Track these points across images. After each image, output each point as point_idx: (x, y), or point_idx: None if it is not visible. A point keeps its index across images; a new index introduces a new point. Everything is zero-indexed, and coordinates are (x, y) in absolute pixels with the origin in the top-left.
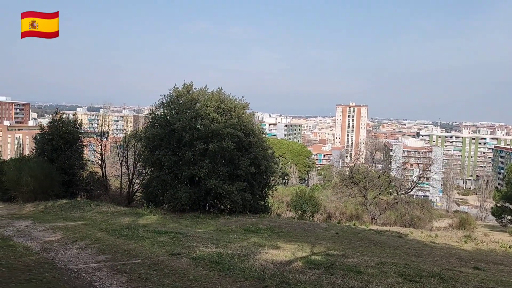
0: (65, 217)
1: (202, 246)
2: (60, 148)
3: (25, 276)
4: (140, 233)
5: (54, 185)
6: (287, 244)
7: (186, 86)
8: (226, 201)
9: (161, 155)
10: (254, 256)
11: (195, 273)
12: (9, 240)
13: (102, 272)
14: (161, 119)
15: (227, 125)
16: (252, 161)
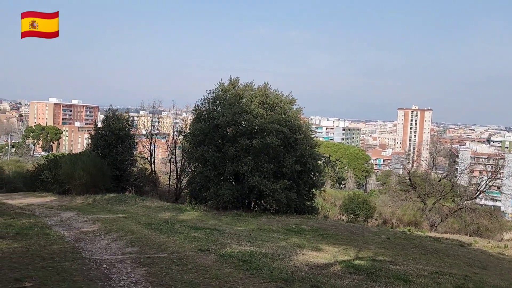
0: (109, 210)
1: (236, 243)
2: (112, 144)
3: (43, 264)
4: (175, 228)
5: (105, 179)
6: (330, 246)
7: (232, 82)
8: (269, 199)
9: (204, 151)
10: (289, 257)
11: (218, 270)
12: (48, 229)
13: (124, 264)
14: (205, 114)
15: (272, 121)
16: (298, 158)
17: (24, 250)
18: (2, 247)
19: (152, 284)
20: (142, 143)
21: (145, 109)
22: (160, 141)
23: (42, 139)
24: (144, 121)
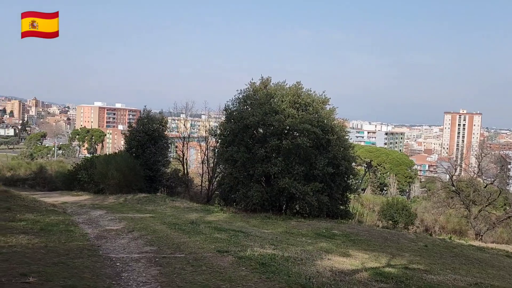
0: (138, 210)
1: (259, 246)
2: (145, 145)
3: (56, 260)
4: (200, 229)
5: (137, 179)
6: (360, 252)
7: (263, 81)
8: (300, 202)
9: (234, 151)
10: (312, 262)
11: (233, 273)
12: (73, 226)
13: (138, 263)
14: (235, 114)
15: (303, 121)
16: (330, 160)
17: (42, 246)
18: (23, 242)
19: (161, 285)
20: (176, 144)
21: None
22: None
23: (87, 141)
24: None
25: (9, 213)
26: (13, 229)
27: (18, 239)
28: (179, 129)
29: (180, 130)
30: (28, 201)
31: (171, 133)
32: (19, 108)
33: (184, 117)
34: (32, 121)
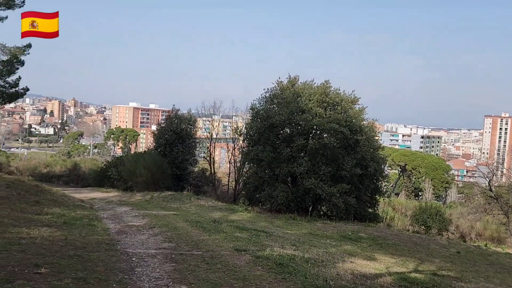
0: (162, 207)
1: (279, 246)
2: (173, 143)
3: (72, 252)
4: (221, 227)
5: (165, 178)
6: (387, 256)
7: (290, 80)
8: (326, 204)
9: (259, 151)
10: (333, 264)
11: (248, 272)
12: (97, 220)
13: (154, 259)
14: (261, 113)
15: (330, 120)
16: (358, 161)
17: (62, 239)
18: (44, 234)
19: (173, 281)
20: (203, 143)
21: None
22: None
23: (122, 141)
24: (210, 123)
25: (37, 206)
26: (38, 221)
27: (41, 231)
28: (206, 129)
29: (208, 129)
30: (57, 196)
31: (199, 133)
32: (59, 108)
33: (212, 118)
34: (70, 120)
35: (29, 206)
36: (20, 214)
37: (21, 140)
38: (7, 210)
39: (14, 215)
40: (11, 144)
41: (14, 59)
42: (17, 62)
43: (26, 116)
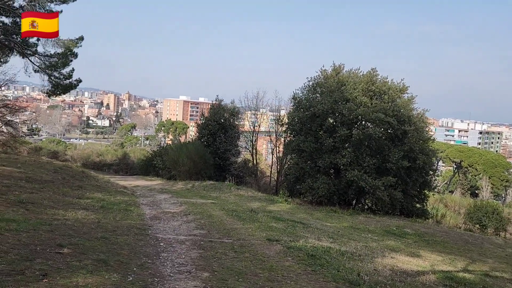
0: (202, 196)
1: (315, 238)
2: (216, 134)
3: (100, 235)
4: (257, 217)
5: (207, 167)
6: (433, 254)
7: (335, 68)
8: (370, 197)
9: (300, 141)
10: (371, 259)
11: (277, 262)
12: (134, 206)
13: (182, 245)
14: (303, 102)
15: (376, 110)
16: (406, 153)
17: (95, 221)
18: (79, 216)
19: (196, 268)
20: (246, 134)
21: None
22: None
23: (172, 133)
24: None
25: (80, 191)
26: (76, 205)
27: (77, 214)
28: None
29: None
30: (101, 182)
31: (242, 124)
32: (114, 101)
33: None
34: (125, 113)
35: (71, 190)
36: (62, 197)
37: (79, 131)
38: (49, 193)
39: (55, 198)
40: (70, 135)
41: (68, 51)
42: (71, 55)
43: (84, 108)
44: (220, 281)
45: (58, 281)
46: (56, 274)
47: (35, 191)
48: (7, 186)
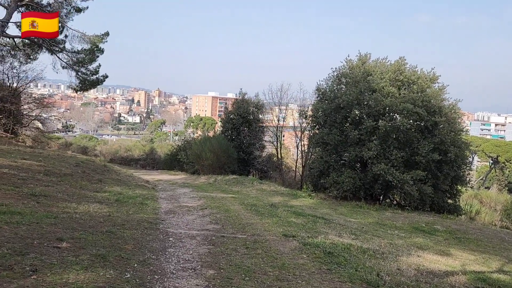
0: (223, 190)
1: (335, 234)
2: (240, 127)
3: (107, 229)
4: (276, 212)
5: (230, 161)
6: (465, 252)
7: (361, 58)
8: (397, 192)
9: (324, 134)
10: (396, 257)
11: (290, 260)
12: (151, 200)
13: (192, 240)
14: (328, 93)
15: (404, 100)
16: (436, 146)
17: (105, 215)
18: (90, 210)
19: (202, 264)
20: (270, 128)
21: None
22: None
23: (200, 128)
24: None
25: (99, 184)
26: (92, 198)
27: (90, 207)
28: (273, 111)
29: (275, 113)
30: (122, 176)
31: (266, 118)
32: (145, 98)
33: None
34: (155, 109)
35: (90, 184)
36: (78, 190)
37: (111, 127)
38: (66, 186)
39: (71, 191)
40: (102, 132)
41: (95, 47)
42: (98, 50)
43: (116, 105)
44: (225, 279)
45: (47, 278)
46: (47, 270)
47: (52, 184)
48: (23, 179)
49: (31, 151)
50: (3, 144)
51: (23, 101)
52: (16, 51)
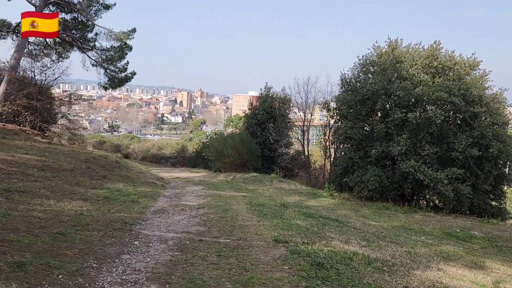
0: (237, 188)
1: (342, 240)
2: (264, 123)
3: (61, 230)
4: (283, 213)
5: (253, 159)
6: (503, 265)
7: (391, 44)
8: (429, 192)
9: (348, 128)
10: (408, 270)
11: (265, 272)
12: (149, 198)
13: (161, 245)
14: (352, 83)
15: (438, 89)
16: (476, 140)
17: (77, 214)
18: (65, 207)
19: (149, 277)
20: (296, 124)
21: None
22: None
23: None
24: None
25: (100, 181)
26: (79, 195)
27: (68, 205)
28: (299, 105)
29: (301, 108)
30: (133, 172)
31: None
32: (187, 98)
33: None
34: (197, 110)
35: (89, 180)
36: (70, 187)
37: (154, 127)
38: (58, 182)
39: (61, 187)
40: (146, 131)
41: (123, 44)
42: (126, 47)
43: (159, 106)
44: None
45: None
46: None
47: (41, 180)
48: (9, 173)
49: (46, 147)
50: (22, 140)
51: (50, 98)
52: (48, 50)
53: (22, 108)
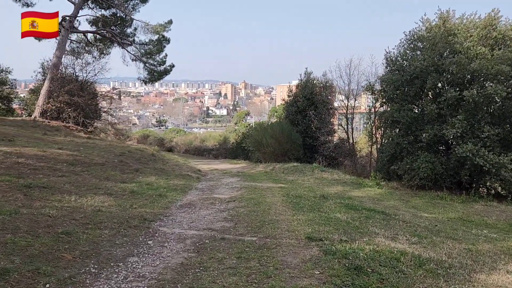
0: (276, 179)
1: (388, 237)
2: (305, 110)
3: (67, 229)
4: (323, 205)
5: (294, 148)
6: None
7: (441, 16)
8: (491, 178)
9: (394, 110)
10: (469, 274)
11: (290, 279)
12: (179, 192)
13: (178, 245)
14: (398, 62)
15: (499, 62)
16: None
17: (95, 210)
18: (84, 203)
19: (152, 285)
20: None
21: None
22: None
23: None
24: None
25: (132, 174)
26: (105, 189)
27: (93, 199)
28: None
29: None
30: (169, 165)
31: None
32: (231, 90)
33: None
34: (241, 101)
35: (120, 174)
36: (98, 181)
37: (199, 120)
38: (86, 176)
39: (88, 182)
40: (192, 125)
41: (161, 37)
42: (164, 40)
43: (205, 99)
44: None
45: None
46: None
47: (69, 175)
48: (35, 168)
49: (84, 141)
50: (62, 135)
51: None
52: (90, 46)
53: (65, 104)
